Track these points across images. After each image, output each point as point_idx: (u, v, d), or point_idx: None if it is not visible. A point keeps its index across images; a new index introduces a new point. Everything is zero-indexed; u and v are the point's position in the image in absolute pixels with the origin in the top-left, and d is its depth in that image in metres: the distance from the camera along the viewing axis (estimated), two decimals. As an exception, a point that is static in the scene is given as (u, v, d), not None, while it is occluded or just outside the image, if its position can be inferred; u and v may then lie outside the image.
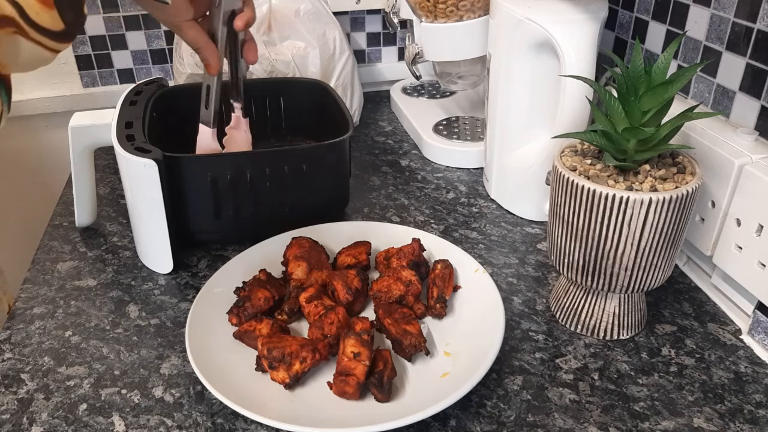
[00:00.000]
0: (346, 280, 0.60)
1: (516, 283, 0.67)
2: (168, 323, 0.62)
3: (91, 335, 0.60)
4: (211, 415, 0.52)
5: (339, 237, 0.69)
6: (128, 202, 0.69)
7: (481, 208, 0.81)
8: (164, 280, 0.68)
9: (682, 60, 0.69)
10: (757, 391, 0.54)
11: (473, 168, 0.90)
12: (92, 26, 1.04)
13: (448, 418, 0.51)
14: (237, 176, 0.68)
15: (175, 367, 0.57)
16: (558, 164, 0.55)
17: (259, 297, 0.59)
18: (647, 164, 0.54)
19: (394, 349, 0.56)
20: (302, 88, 0.88)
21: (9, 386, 0.55)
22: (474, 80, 0.92)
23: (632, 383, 0.54)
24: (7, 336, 0.60)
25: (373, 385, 0.51)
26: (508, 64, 0.72)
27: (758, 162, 0.56)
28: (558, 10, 0.67)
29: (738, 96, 0.61)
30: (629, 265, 0.54)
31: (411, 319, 0.57)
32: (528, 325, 0.61)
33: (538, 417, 0.51)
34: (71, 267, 0.70)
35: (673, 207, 0.51)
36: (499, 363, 0.56)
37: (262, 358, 0.52)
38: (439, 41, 0.85)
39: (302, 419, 0.48)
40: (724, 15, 0.62)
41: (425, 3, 0.82)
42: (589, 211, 0.53)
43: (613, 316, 0.58)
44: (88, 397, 0.54)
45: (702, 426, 0.50)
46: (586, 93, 0.64)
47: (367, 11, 1.13)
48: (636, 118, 0.52)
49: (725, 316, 0.62)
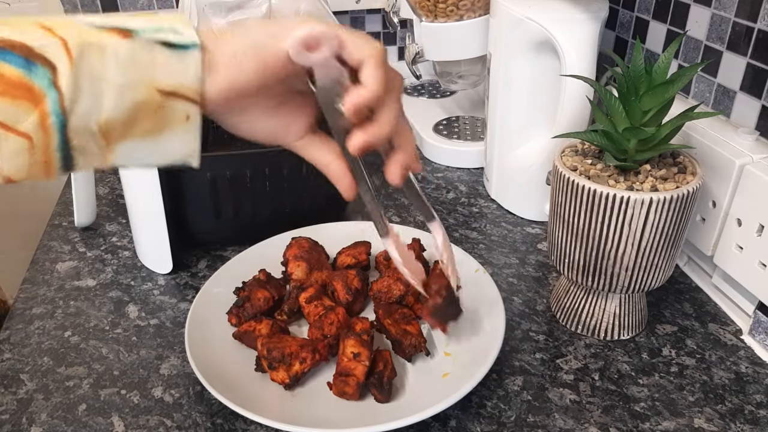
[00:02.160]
0: (346, 281, 0.60)
1: (516, 283, 0.67)
2: (167, 323, 0.62)
3: (90, 335, 0.60)
4: (211, 415, 0.52)
5: (339, 237, 0.69)
6: (128, 202, 0.69)
7: (482, 208, 0.80)
8: (164, 281, 0.68)
9: (683, 60, 0.69)
10: (758, 391, 0.53)
11: (473, 168, 0.90)
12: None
13: (448, 418, 0.51)
14: (237, 176, 0.68)
15: (175, 367, 0.56)
16: (558, 164, 0.55)
17: (259, 297, 0.58)
18: (648, 164, 0.54)
19: (394, 350, 0.56)
20: (302, 88, 0.88)
21: (8, 386, 0.55)
22: (474, 80, 0.92)
23: (633, 383, 0.54)
24: (6, 336, 0.60)
25: (373, 386, 0.51)
26: (508, 64, 0.72)
27: (759, 162, 0.56)
28: (558, 9, 0.67)
29: (738, 96, 0.61)
30: (630, 265, 0.53)
31: (411, 319, 0.56)
32: (528, 325, 0.61)
33: (538, 417, 0.51)
34: (70, 267, 0.70)
35: (673, 207, 0.50)
36: (500, 363, 0.56)
37: (262, 359, 0.52)
38: (439, 41, 0.85)
39: (302, 419, 0.48)
40: (725, 15, 0.62)
41: (425, 2, 0.82)
42: (589, 211, 0.52)
43: (613, 317, 0.58)
44: (87, 398, 0.53)
45: (703, 426, 0.50)
46: (586, 93, 0.64)
47: (367, 11, 1.13)
48: (637, 117, 0.52)
49: (726, 317, 0.62)
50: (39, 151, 0.35)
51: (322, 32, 0.38)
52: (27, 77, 0.33)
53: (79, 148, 0.36)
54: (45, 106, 0.34)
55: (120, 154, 0.38)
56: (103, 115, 0.35)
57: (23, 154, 0.35)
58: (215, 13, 0.84)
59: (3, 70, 0.33)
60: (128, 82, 0.35)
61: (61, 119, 0.34)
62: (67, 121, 0.35)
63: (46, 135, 0.35)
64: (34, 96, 0.34)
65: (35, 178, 0.36)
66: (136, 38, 0.36)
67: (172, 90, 0.37)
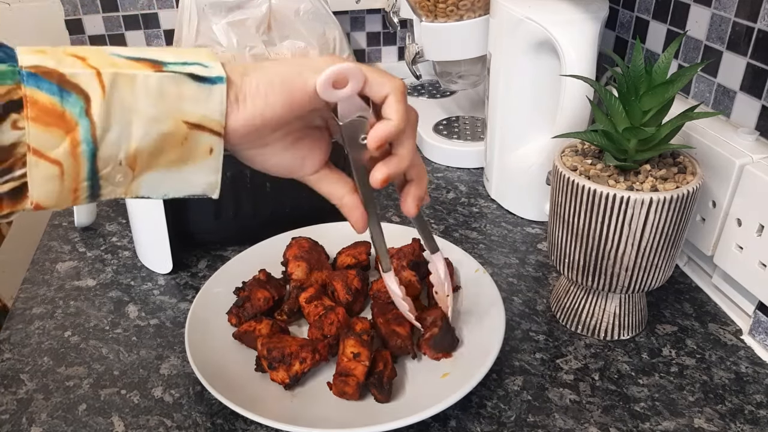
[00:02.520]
0: (346, 281, 0.60)
1: (516, 283, 0.67)
2: (167, 323, 0.62)
3: (90, 335, 0.60)
4: (211, 415, 0.52)
5: (339, 237, 0.69)
6: (128, 202, 0.69)
7: (482, 208, 0.80)
8: (164, 281, 0.68)
9: (683, 60, 0.69)
10: (758, 391, 0.53)
11: (473, 168, 0.90)
12: (92, 26, 1.04)
13: (448, 418, 0.51)
14: (237, 176, 0.68)
15: (175, 367, 0.56)
16: (558, 164, 0.55)
17: (259, 297, 0.58)
18: (648, 164, 0.54)
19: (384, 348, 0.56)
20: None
21: (8, 386, 0.55)
22: (474, 80, 0.92)
23: (633, 383, 0.54)
24: (6, 336, 0.60)
25: (373, 386, 0.51)
26: (508, 64, 0.72)
27: (759, 162, 0.56)
28: (558, 9, 0.67)
29: (738, 96, 0.61)
30: (630, 266, 0.53)
31: (403, 320, 0.56)
32: (528, 325, 0.61)
33: (538, 417, 0.51)
34: (70, 267, 0.70)
35: (673, 207, 0.50)
36: (500, 363, 0.56)
37: (262, 359, 0.52)
38: (439, 41, 0.85)
39: (302, 419, 0.48)
40: (725, 15, 0.62)
41: (425, 2, 0.82)
42: (589, 211, 0.52)
43: (613, 317, 0.58)
44: (87, 398, 0.53)
45: (703, 426, 0.50)
46: (586, 93, 0.64)
47: (367, 11, 1.13)
48: (637, 117, 0.52)
49: (726, 317, 0.62)
50: (69, 179, 0.36)
51: (348, 69, 0.40)
52: (60, 105, 0.34)
53: (106, 176, 0.37)
54: (77, 134, 0.35)
55: (144, 185, 0.39)
56: (132, 145, 0.36)
57: (54, 180, 0.35)
58: (215, 13, 0.84)
59: (37, 97, 0.34)
60: (157, 113, 0.36)
61: (92, 148, 0.35)
62: (98, 150, 0.35)
63: (77, 163, 0.35)
64: (67, 124, 0.34)
65: (62, 205, 0.37)
66: (165, 70, 0.36)
67: (198, 122, 0.37)
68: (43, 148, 0.34)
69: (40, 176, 0.35)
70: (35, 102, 0.34)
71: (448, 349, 0.55)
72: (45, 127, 0.34)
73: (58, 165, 0.35)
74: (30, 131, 0.34)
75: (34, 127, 0.34)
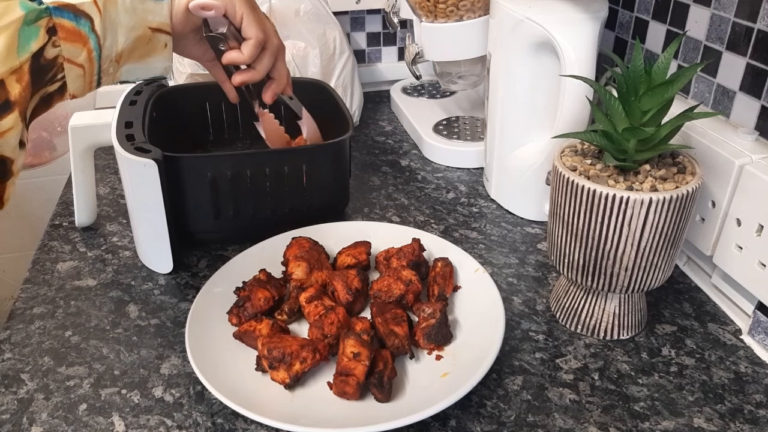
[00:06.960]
0: (346, 280, 0.60)
1: (516, 283, 0.67)
2: (168, 323, 0.62)
3: (91, 335, 0.60)
4: (211, 415, 0.52)
5: (339, 237, 0.69)
6: (128, 202, 0.69)
7: (481, 208, 0.81)
8: (164, 280, 0.68)
9: (683, 60, 0.69)
10: (757, 391, 0.54)
11: (473, 168, 0.90)
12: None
13: (448, 418, 0.51)
14: (237, 176, 0.68)
15: (175, 367, 0.57)
16: (558, 164, 0.55)
17: (259, 297, 0.59)
18: (647, 164, 0.54)
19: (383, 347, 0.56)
20: (302, 88, 0.87)
21: (9, 386, 0.55)
22: (474, 80, 0.92)
23: (632, 383, 0.54)
24: (7, 336, 0.60)
25: (373, 385, 0.51)
26: (508, 64, 0.72)
27: (758, 162, 0.56)
28: (558, 9, 0.67)
29: (738, 96, 0.61)
30: (629, 265, 0.54)
31: (401, 320, 0.56)
32: (528, 325, 0.61)
33: (538, 417, 0.51)
34: (71, 267, 0.70)
35: (673, 207, 0.50)
36: (499, 363, 0.56)
37: (262, 358, 0.52)
38: (439, 41, 0.85)
39: (302, 419, 0.48)
40: (725, 15, 0.62)
41: (425, 3, 0.82)
42: (589, 211, 0.53)
43: (613, 316, 0.58)
44: (88, 397, 0.54)
45: (702, 426, 0.50)
46: (586, 93, 0.64)
47: (367, 11, 1.13)
48: (636, 118, 0.52)
49: (725, 316, 0.62)
50: (88, 75, 0.53)
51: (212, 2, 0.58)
52: (77, 26, 0.50)
53: (105, 70, 0.54)
54: (90, 44, 0.52)
55: (124, 72, 0.57)
56: (119, 47, 0.54)
57: (80, 78, 0.52)
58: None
59: (63, 23, 0.49)
60: (133, 23, 0.54)
61: (98, 53, 0.53)
62: (101, 54, 0.53)
63: (91, 64, 0.53)
64: (83, 39, 0.51)
65: (84, 94, 0.54)
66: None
67: (158, 27, 0.56)
68: (72, 56, 0.51)
69: (72, 76, 0.51)
70: (62, 26, 0.49)
71: (441, 343, 0.56)
72: (71, 43, 0.50)
73: (82, 67, 0.52)
74: (63, 47, 0.50)
75: (65, 43, 0.50)
